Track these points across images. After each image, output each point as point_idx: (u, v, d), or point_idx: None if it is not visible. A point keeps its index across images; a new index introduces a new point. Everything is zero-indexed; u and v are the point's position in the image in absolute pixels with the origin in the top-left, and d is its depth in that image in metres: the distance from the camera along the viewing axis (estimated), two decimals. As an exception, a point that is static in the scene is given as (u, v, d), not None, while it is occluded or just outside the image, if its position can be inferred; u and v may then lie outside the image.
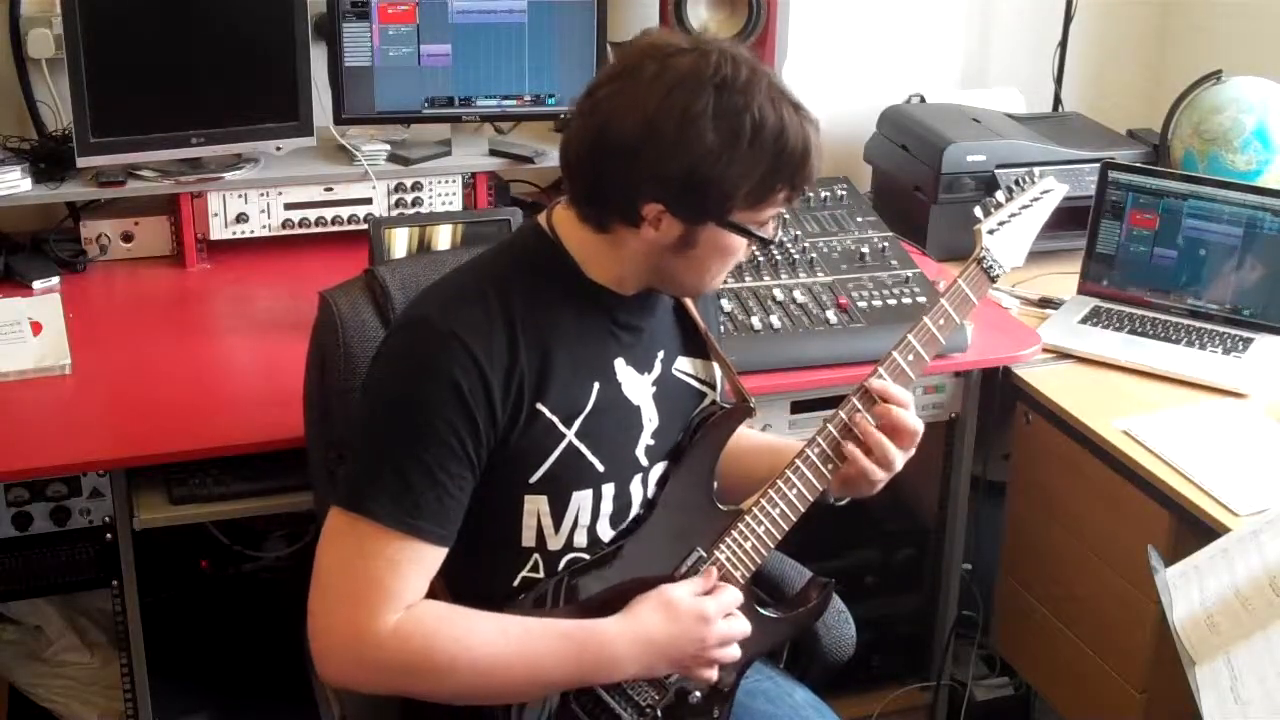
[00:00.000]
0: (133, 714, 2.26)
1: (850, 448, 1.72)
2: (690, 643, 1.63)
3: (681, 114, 1.51)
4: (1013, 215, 1.89)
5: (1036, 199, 1.93)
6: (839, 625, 2.00)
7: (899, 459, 1.74)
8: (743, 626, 1.68)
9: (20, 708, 2.55)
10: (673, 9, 2.83)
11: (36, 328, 2.36)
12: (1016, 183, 1.94)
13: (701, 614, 1.63)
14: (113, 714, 2.47)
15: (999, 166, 2.80)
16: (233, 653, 2.73)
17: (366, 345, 1.84)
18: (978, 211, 1.89)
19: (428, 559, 1.56)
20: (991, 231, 1.86)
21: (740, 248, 1.63)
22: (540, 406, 1.60)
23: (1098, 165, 2.72)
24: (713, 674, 1.68)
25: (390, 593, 1.53)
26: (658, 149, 1.52)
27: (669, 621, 1.62)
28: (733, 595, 1.68)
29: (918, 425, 1.74)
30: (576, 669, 1.59)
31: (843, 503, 1.82)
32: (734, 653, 1.68)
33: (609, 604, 1.63)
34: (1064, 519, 2.44)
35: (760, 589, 1.83)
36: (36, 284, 2.55)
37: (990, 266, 1.85)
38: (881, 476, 1.75)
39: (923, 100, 3.15)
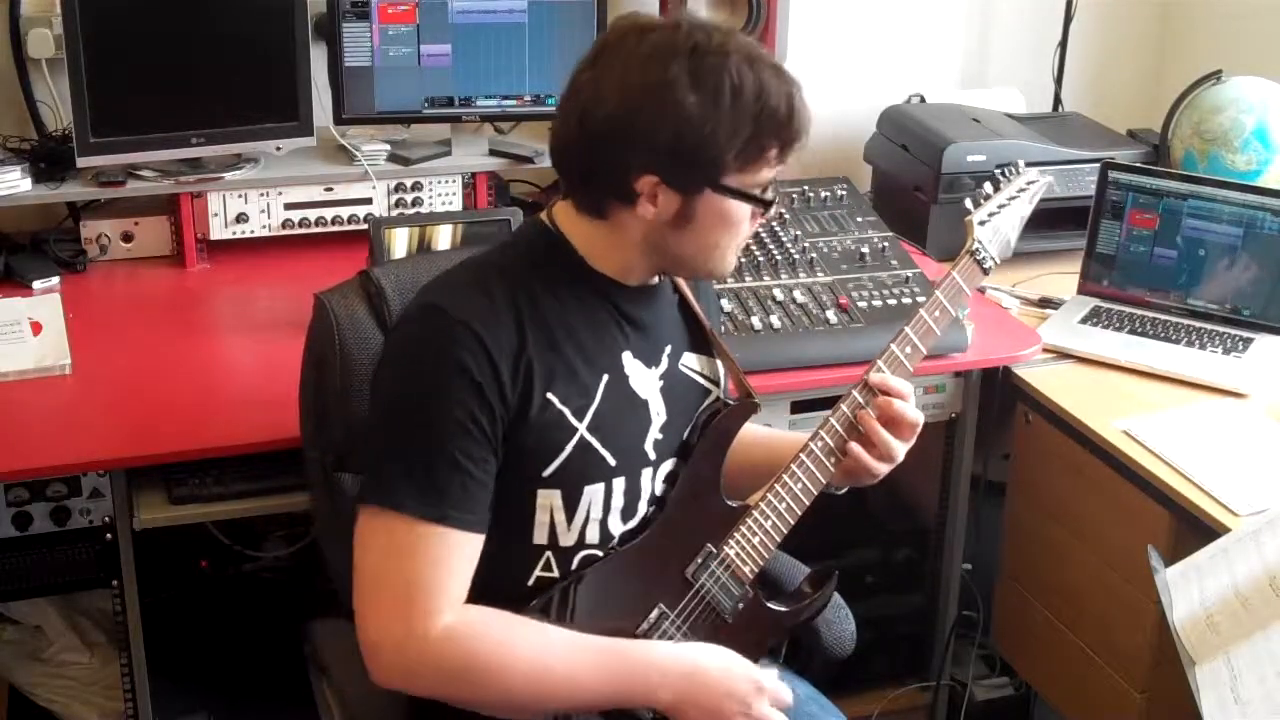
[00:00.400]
0: (133, 714, 2.25)
1: (852, 445, 1.73)
2: (732, 698, 1.61)
3: (659, 82, 1.52)
4: (1001, 206, 1.92)
5: (1023, 189, 1.96)
6: (839, 620, 2.00)
7: (900, 451, 1.75)
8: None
9: (20, 708, 2.55)
10: (672, 8, 2.83)
11: (36, 328, 2.36)
12: (1003, 174, 1.97)
13: (757, 682, 1.63)
14: (113, 714, 2.47)
15: (999, 166, 2.75)
16: (233, 653, 2.73)
17: (363, 347, 1.83)
18: (967, 203, 1.91)
19: (465, 547, 1.56)
20: (982, 223, 1.89)
21: (743, 216, 1.62)
22: (551, 396, 1.60)
23: (1098, 165, 2.72)
24: None
25: (434, 589, 1.53)
26: (641, 120, 1.53)
27: (724, 667, 1.62)
28: (787, 693, 1.67)
29: (917, 417, 1.75)
30: (616, 687, 1.59)
31: (843, 491, 1.83)
32: None
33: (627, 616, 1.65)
34: (1064, 519, 2.44)
35: (761, 586, 1.83)
36: (36, 284, 2.55)
37: (983, 258, 1.87)
38: (883, 469, 1.75)
39: (923, 100, 3.15)
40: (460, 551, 1.56)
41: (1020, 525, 2.58)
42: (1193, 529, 2.08)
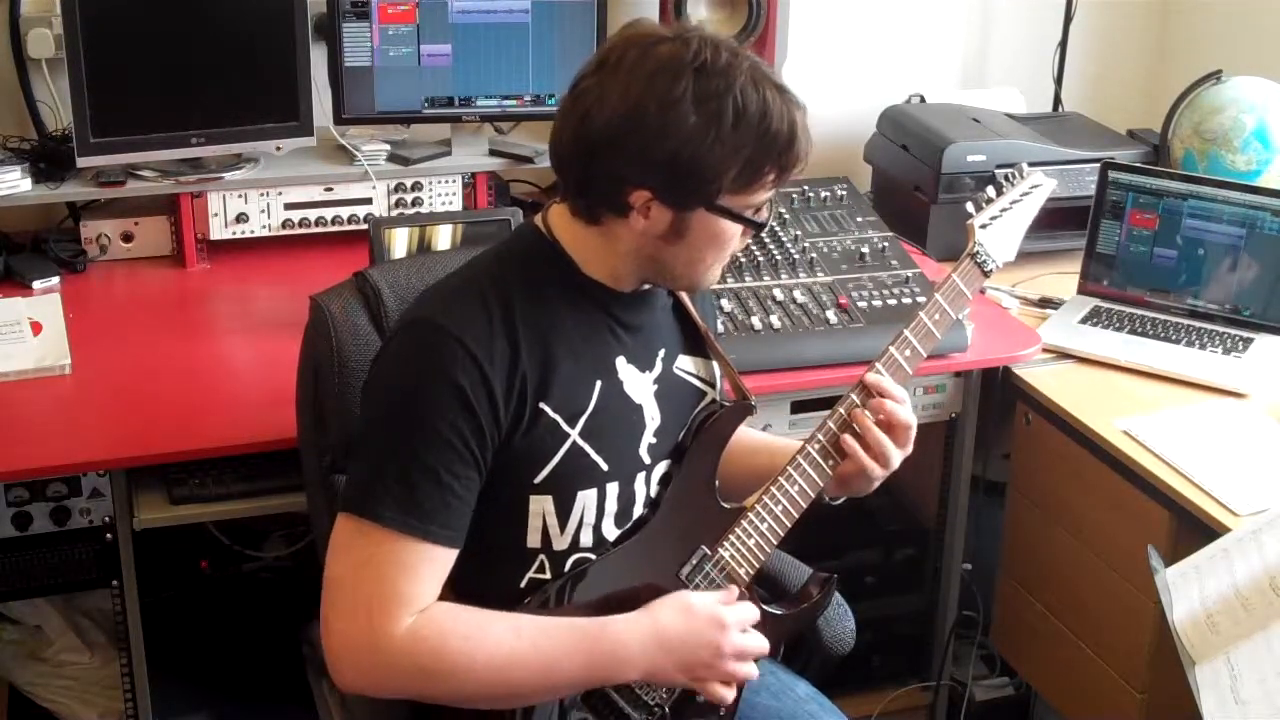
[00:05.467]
0: (133, 714, 2.26)
1: (849, 441, 1.72)
2: (703, 647, 1.62)
3: (662, 99, 1.51)
4: (1004, 210, 1.90)
5: (1026, 193, 1.94)
6: (839, 618, 2.01)
7: (896, 456, 1.74)
8: (760, 644, 1.67)
9: (20, 708, 2.55)
10: (673, 9, 2.83)
11: (36, 328, 2.36)
12: (1007, 178, 1.94)
13: (718, 619, 1.63)
14: (113, 714, 2.47)
15: (999, 166, 2.79)
16: (233, 653, 2.73)
17: (361, 348, 1.83)
18: (969, 207, 1.90)
19: (439, 561, 1.56)
20: (984, 226, 1.87)
21: (734, 234, 1.62)
22: (544, 406, 1.60)
23: (1098, 165, 2.72)
24: (729, 693, 1.65)
25: (404, 596, 1.53)
26: (641, 135, 1.52)
27: (683, 622, 1.61)
28: (750, 610, 1.68)
29: (910, 419, 1.74)
30: (588, 666, 1.59)
31: (838, 502, 1.82)
32: (751, 670, 1.67)
33: (620, 607, 1.63)
34: (1064, 519, 2.44)
35: (761, 587, 1.83)
36: (36, 284, 2.55)
37: (984, 261, 1.86)
38: (879, 474, 1.75)
39: (923, 100, 3.15)
40: (435, 565, 1.56)
41: (1020, 525, 2.58)
42: (1193, 529, 2.08)
